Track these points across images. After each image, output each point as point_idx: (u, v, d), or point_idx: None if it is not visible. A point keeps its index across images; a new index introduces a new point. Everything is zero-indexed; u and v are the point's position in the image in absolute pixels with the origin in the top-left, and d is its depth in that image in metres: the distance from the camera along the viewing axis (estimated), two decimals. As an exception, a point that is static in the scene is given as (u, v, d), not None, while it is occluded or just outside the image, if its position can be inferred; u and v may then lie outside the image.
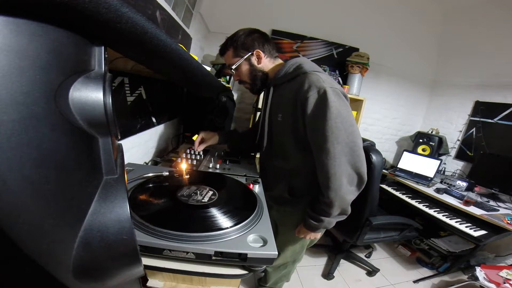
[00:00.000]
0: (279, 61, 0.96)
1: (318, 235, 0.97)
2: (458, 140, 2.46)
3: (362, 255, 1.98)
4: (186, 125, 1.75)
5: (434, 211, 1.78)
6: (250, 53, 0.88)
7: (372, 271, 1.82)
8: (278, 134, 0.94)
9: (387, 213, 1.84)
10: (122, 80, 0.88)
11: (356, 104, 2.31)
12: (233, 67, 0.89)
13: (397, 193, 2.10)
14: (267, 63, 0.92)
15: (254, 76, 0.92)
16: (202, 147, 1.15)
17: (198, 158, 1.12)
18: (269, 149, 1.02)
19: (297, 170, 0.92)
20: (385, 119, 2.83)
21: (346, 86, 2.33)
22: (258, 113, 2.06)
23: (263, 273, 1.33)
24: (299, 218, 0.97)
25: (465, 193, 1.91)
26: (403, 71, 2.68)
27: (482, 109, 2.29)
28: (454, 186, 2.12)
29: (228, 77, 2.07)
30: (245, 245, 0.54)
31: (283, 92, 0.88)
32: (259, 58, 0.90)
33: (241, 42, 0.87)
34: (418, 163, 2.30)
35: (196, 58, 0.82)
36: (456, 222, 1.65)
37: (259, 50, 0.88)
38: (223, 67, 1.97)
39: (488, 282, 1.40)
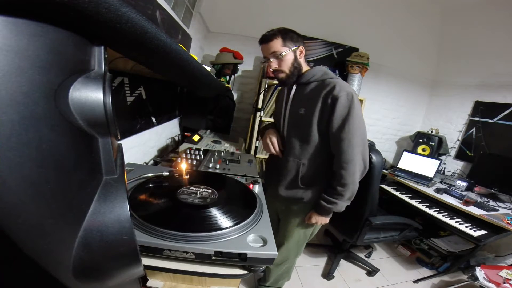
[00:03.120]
0: (307, 66, 1.07)
1: (327, 220, 1.06)
2: (458, 140, 2.46)
3: (362, 255, 1.98)
4: (186, 125, 1.75)
5: (434, 211, 1.78)
6: (297, 47, 0.98)
7: (372, 271, 1.82)
8: (299, 126, 1.02)
9: (387, 213, 1.84)
10: (122, 80, 0.89)
11: (356, 104, 2.31)
12: (283, 53, 0.96)
13: (397, 193, 2.10)
14: (302, 62, 1.02)
15: (295, 68, 1.00)
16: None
17: (198, 158, 1.12)
18: (287, 138, 1.08)
19: (312, 159, 1.01)
20: (385, 119, 2.83)
21: (346, 86, 2.33)
22: (258, 113, 2.06)
23: (263, 273, 1.33)
24: (305, 208, 1.06)
25: (465, 193, 1.91)
26: (403, 71, 2.68)
27: (482, 109, 2.29)
28: (454, 186, 2.12)
29: (228, 77, 2.07)
30: (245, 245, 0.54)
31: (307, 90, 1.00)
32: (301, 54, 1.00)
33: (290, 35, 0.96)
34: (418, 163, 2.30)
35: (196, 58, 0.81)
36: (456, 222, 1.65)
37: (303, 47, 0.99)
38: (223, 67, 1.97)
39: (488, 282, 1.40)
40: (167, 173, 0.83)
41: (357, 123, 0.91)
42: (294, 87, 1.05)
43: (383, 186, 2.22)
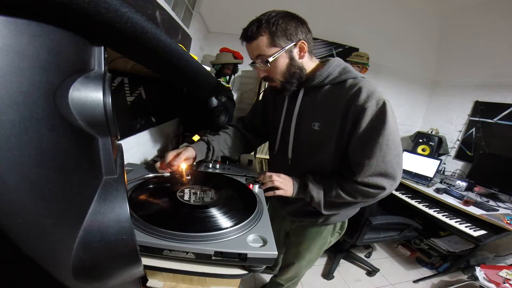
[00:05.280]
0: (315, 59, 0.79)
1: (290, 193, 0.81)
2: (458, 140, 2.46)
3: (362, 255, 1.98)
4: (186, 125, 1.75)
5: (434, 211, 1.78)
6: (293, 44, 0.69)
7: (372, 271, 1.82)
8: (312, 144, 0.79)
9: (387, 213, 1.84)
10: (122, 80, 0.88)
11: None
12: (270, 59, 0.68)
13: (397, 193, 2.10)
14: (306, 60, 0.75)
15: (292, 74, 0.73)
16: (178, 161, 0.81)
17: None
18: (294, 161, 0.86)
19: None
20: (385, 119, 2.83)
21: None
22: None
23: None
24: (319, 231, 0.95)
25: (464, 193, 1.91)
26: (403, 71, 2.68)
27: (482, 109, 2.29)
28: (453, 186, 2.12)
29: (228, 77, 2.07)
30: (245, 245, 0.54)
31: (321, 96, 0.75)
32: (301, 51, 0.72)
33: (282, 28, 0.67)
34: (418, 163, 2.30)
35: (196, 58, 0.81)
36: (455, 222, 1.65)
37: (304, 41, 0.71)
38: (223, 67, 1.97)
39: (488, 282, 1.40)
40: (167, 173, 0.83)
41: (388, 143, 0.66)
42: (301, 92, 0.79)
43: (383, 186, 2.21)
